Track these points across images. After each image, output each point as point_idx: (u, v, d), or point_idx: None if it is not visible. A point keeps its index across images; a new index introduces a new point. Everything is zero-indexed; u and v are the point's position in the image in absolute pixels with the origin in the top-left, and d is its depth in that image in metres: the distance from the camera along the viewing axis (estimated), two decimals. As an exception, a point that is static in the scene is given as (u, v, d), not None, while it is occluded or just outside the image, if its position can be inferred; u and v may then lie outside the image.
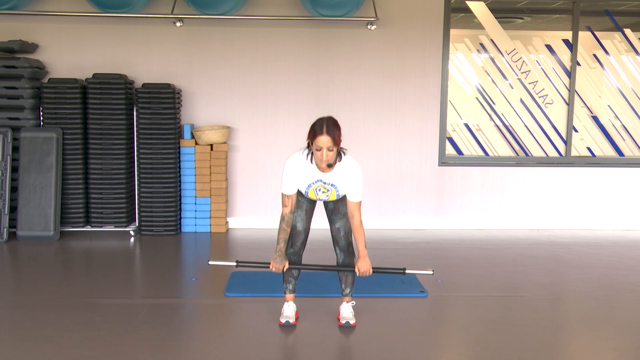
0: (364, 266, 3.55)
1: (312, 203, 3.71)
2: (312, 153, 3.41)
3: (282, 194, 3.55)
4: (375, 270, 3.61)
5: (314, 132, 3.34)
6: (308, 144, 3.42)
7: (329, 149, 3.33)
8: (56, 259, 5.26)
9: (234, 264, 3.72)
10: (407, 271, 3.68)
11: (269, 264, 3.59)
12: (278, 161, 6.43)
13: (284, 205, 3.55)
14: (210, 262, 3.81)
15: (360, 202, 3.52)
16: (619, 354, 3.45)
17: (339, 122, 3.45)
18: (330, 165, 3.45)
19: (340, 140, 3.38)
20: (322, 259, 4.90)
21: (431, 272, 3.75)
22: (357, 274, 3.59)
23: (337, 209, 3.66)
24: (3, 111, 5.89)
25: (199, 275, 4.87)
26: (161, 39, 6.27)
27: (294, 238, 3.68)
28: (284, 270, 3.63)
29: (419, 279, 4.65)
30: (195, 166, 6.17)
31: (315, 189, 3.54)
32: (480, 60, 6.66)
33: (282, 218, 3.55)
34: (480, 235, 6.35)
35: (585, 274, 4.97)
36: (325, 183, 3.50)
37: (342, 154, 3.48)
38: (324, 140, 3.30)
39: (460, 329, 3.83)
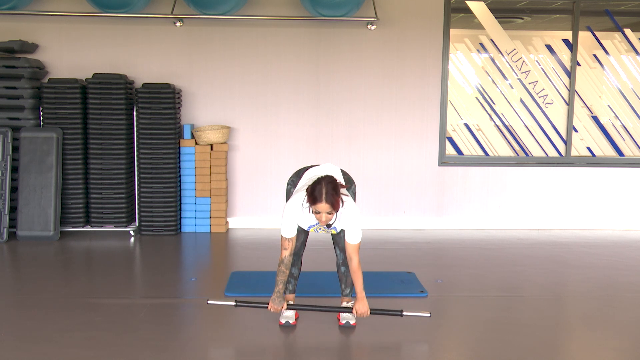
0: (361, 308, 3.55)
1: (304, 233, 3.73)
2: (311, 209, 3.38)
3: (281, 236, 3.52)
4: (373, 312, 3.60)
5: (314, 198, 3.29)
6: (307, 190, 3.37)
7: (328, 213, 3.32)
8: (56, 259, 5.26)
9: (233, 304, 3.68)
10: (404, 313, 3.65)
11: (268, 304, 3.59)
12: (278, 161, 6.43)
13: (283, 248, 3.52)
14: (209, 302, 3.75)
15: (359, 244, 3.50)
16: (619, 354, 3.45)
17: (339, 121, 3.45)
18: (329, 226, 3.48)
19: (339, 205, 3.34)
20: (322, 259, 4.91)
21: (428, 315, 3.71)
22: (355, 315, 3.60)
23: (338, 236, 3.69)
24: (3, 111, 5.88)
25: (199, 275, 4.87)
26: (161, 39, 6.27)
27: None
28: (282, 310, 3.63)
29: (419, 278, 4.65)
30: (195, 166, 6.17)
31: (316, 229, 3.57)
32: (480, 60, 6.66)
33: (282, 261, 3.52)
34: (480, 235, 6.35)
35: (585, 274, 4.97)
36: (326, 227, 3.52)
37: (342, 201, 3.39)
38: (322, 207, 3.30)
39: (460, 329, 3.83)
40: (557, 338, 3.68)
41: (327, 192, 3.28)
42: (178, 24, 6.15)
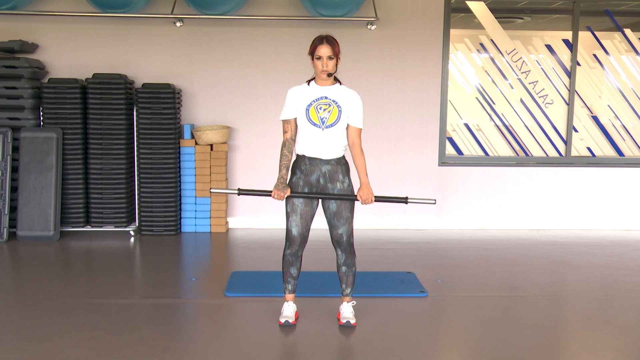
0: (365, 194, 3.59)
1: (309, 205, 3.64)
2: (312, 79, 3.57)
3: (282, 121, 3.64)
4: (377, 198, 3.64)
5: (314, 44, 3.50)
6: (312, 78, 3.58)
7: (329, 58, 3.48)
8: (56, 259, 5.26)
9: (236, 191, 3.72)
10: (409, 200, 3.70)
11: (271, 192, 3.60)
12: (278, 161, 6.41)
13: (284, 132, 3.64)
14: (211, 190, 3.81)
15: (361, 129, 3.62)
16: (619, 354, 3.45)
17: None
18: (330, 76, 3.54)
19: (339, 52, 3.51)
20: (322, 259, 4.91)
21: (433, 201, 3.76)
22: (360, 202, 3.61)
23: (339, 212, 3.61)
24: (3, 111, 5.89)
25: (199, 275, 4.87)
26: (161, 39, 6.28)
27: (291, 241, 3.66)
28: (285, 197, 3.60)
29: (419, 278, 4.65)
30: (195, 166, 6.17)
31: (317, 107, 3.56)
32: (480, 60, 6.66)
33: (283, 144, 3.63)
34: (480, 235, 6.36)
35: (585, 274, 4.97)
36: (326, 97, 3.56)
37: (339, 82, 3.61)
38: (324, 49, 3.47)
39: (460, 329, 3.83)
40: (557, 338, 3.68)
41: (327, 37, 3.50)
42: (178, 24, 6.15)
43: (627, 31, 6.67)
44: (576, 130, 6.72)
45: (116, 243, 5.79)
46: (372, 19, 6.11)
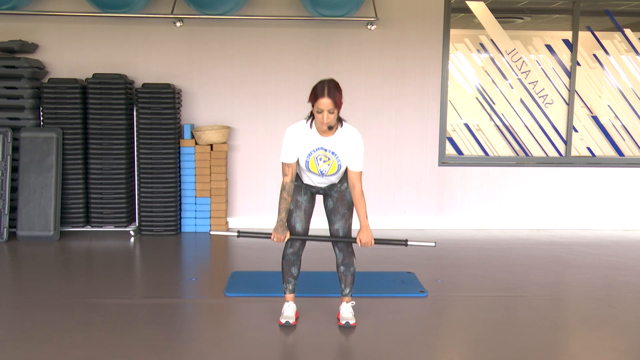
0: (365, 237, 3.55)
1: (311, 202, 3.70)
2: (313, 119, 3.43)
3: (282, 162, 3.54)
4: (377, 241, 3.61)
5: (315, 94, 3.34)
6: (310, 113, 3.44)
7: (329, 112, 3.34)
8: (56, 259, 5.26)
9: (236, 234, 3.71)
10: (409, 243, 3.70)
11: (271, 234, 3.58)
12: (278, 161, 6.40)
13: (284, 175, 3.53)
14: (211, 232, 3.82)
15: (361, 172, 3.52)
16: (619, 354, 3.45)
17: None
18: (330, 128, 3.44)
19: (341, 103, 3.39)
20: (322, 259, 4.91)
21: (433, 244, 3.75)
22: (359, 245, 3.60)
23: (336, 209, 3.65)
24: (3, 111, 5.89)
25: (199, 275, 4.87)
26: (161, 39, 6.28)
27: (293, 239, 3.67)
28: (285, 240, 3.60)
29: (419, 278, 4.65)
30: (195, 166, 6.17)
31: (316, 158, 3.50)
32: (480, 60, 6.66)
33: (283, 187, 3.54)
34: (480, 235, 6.36)
35: (585, 274, 4.97)
36: (326, 150, 3.48)
37: (343, 122, 3.49)
38: (325, 102, 3.31)
39: (460, 329, 3.83)
40: (557, 338, 3.68)
41: (329, 87, 3.33)
42: (178, 24, 6.15)
43: (627, 31, 6.67)
44: (576, 130, 6.72)
45: (116, 243, 5.79)
46: (372, 19, 6.11)
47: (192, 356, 3.31)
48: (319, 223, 4.27)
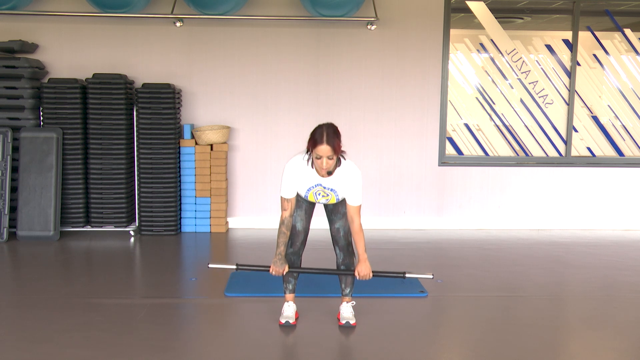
0: (363, 270, 3.54)
1: (312, 203, 3.71)
2: (312, 159, 3.40)
3: (281, 197, 3.54)
4: (375, 274, 3.61)
5: (314, 140, 3.32)
6: (307, 148, 3.41)
7: (328, 158, 3.32)
8: (56, 259, 5.26)
9: (234, 267, 3.72)
10: (407, 275, 3.67)
11: (269, 267, 3.59)
12: (278, 161, 6.42)
13: (283, 209, 3.53)
14: (210, 265, 3.82)
15: (360, 206, 3.51)
16: (619, 354, 3.45)
17: (339, 121, 3.47)
18: (330, 172, 3.45)
19: (340, 148, 3.37)
20: (322, 259, 4.90)
21: (431, 276, 3.73)
22: (357, 278, 3.60)
23: (336, 209, 3.66)
24: (3, 111, 5.89)
25: (199, 275, 4.86)
26: (161, 39, 6.27)
27: (294, 238, 3.68)
28: (284, 273, 3.62)
29: (419, 278, 4.65)
30: (195, 166, 6.17)
31: (315, 193, 3.53)
32: (480, 60, 6.66)
33: (282, 222, 3.54)
34: (480, 235, 6.35)
35: (585, 274, 4.97)
36: (325, 188, 3.50)
37: (342, 159, 3.47)
38: (323, 149, 3.30)
39: (460, 329, 3.83)
40: (557, 338, 3.68)
41: (327, 134, 3.31)
42: (178, 24, 6.15)
43: (627, 31, 6.67)
44: (576, 130, 6.72)
45: (116, 243, 5.79)
46: (372, 19, 6.11)
47: (192, 356, 3.31)
48: (319, 223, 4.28)
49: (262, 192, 6.49)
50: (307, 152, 3.46)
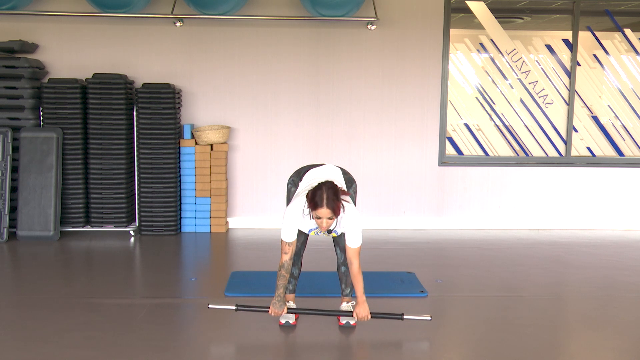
0: (362, 312, 3.53)
1: None
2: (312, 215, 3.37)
3: (282, 240, 3.50)
4: (374, 315, 3.59)
5: (314, 203, 3.27)
6: (307, 195, 3.35)
7: (328, 219, 3.31)
8: (56, 259, 5.26)
9: (234, 307, 3.68)
10: (405, 317, 3.64)
11: (269, 308, 3.58)
12: (278, 161, 6.43)
13: (283, 252, 3.50)
14: (209, 306, 3.75)
15: (359, 248, 3.47)
16: (619, 354, 3.45)
17: (339, 121, 3.46)
18: (330, 232, 3.47)
19: (340, 210, 3.33)
20: (322, 259, 4.91)
21: (429, 318, 3.69)
22: (356, 319, 3.59)
23: None
24: (3, 111, 5.88)
25: (199, 275, 4.86)
26: (161, 39, 6.27)
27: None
28: (282, 314, 3.62)
29: (419, 278, 4.65)
30: (195, 166, 6.17)
31: (317, 232, 3.54)
32: (480, 60, 6.66)
33: (282, 265, 3.51)
34: (480, 235, 6.35)
35: (586, 274, 4.97)
36: (326, 232, 3.51)
37: (342, 208, 3.38)
38: (323, 212, 3.28)
39: (460, 329, 3.83)
40: (557, 338, 3.68)
41: (327, 197, 3.26)
42: (178, 24, 6.15)
43: (627, 31, 6.67)
44: (576, 130, 6.72)
45: (116, 243, 5.79)
46: (372, 19, 6.11)
47: (192, 356, 3.31)
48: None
49: (262, 192, 6.49)
50: (307, 207, 3.38)
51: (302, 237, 3.70)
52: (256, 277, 4.63)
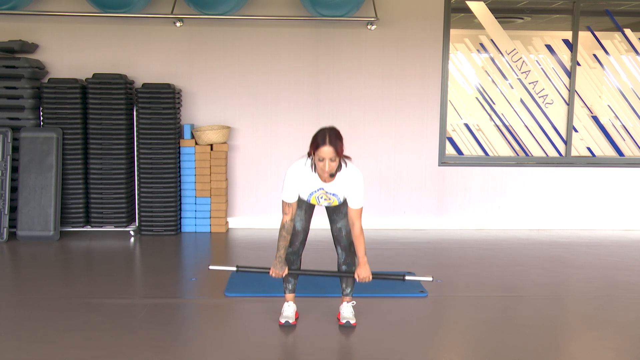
0: (363, 272, 3.55)
1: (312, 204, 3.71)
2: (314, 162, 3.41)
3: (282, 201, 3.53)
4: (375, 276, 3.61)
5: (317, 143, 3.33)
6: (309, 152, 3.41)
7: (331, 160, 3.33)
8: (56, 259, 5.26)
9: (234, 268, 3.72)
10: (406, 277, 3.68)
11: (269, 269, 3.60)
12: (278, 161, 6.43)
13: (284, 213, 3.53)
14: (210, 267, 3.82)
15: (361, 208, 3.51)
16: (619, 354, 3.45)
17: (339, 121, 3.47)
18: (332, 175, 3.45)
19: (342, 151, 3.38)
20: (322, 259, 4.91)
21: (430, 279, 3.75)
22: (357, 280, 3.60)
23: (338, 209, 3.66)
24: (3, 111, 5.89)
25: (199, 275, 4.86)
26: (161, 39, 6.27)
27: (293, 237, 3.67)
28: (284, 275, 3.64)
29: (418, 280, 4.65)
30: (195, 166, 6.17)
31: (317, 197, 3.54)
32: (480, 60, 6.66)
33: (283, 226, 3.54)
34: (480, 235, 6.35)
35: (586, 274, 4.97)
36: (327, 192, 3.50)
37: (344, 163, 3.47)
38: (326, 151, 3.31)
39: (460, 329, 3.83)
40: (557, 338, 3.68)
41: (330, 136, 3.33)
42: (178, 24, 6.15)
43: (627, 31, 6.67)
44: (576, 130, 6.72)
45: (116, 243, 5.79)
46: (372, 19, 6.11)
47: (192, 356, 3.31)
48: (319, 223, 4.28)
49: (262, 192, 6.49)
50: (308, 157, 3.46)
51: (302, 235, 3.69)
52: (256, 277, 4.63)
